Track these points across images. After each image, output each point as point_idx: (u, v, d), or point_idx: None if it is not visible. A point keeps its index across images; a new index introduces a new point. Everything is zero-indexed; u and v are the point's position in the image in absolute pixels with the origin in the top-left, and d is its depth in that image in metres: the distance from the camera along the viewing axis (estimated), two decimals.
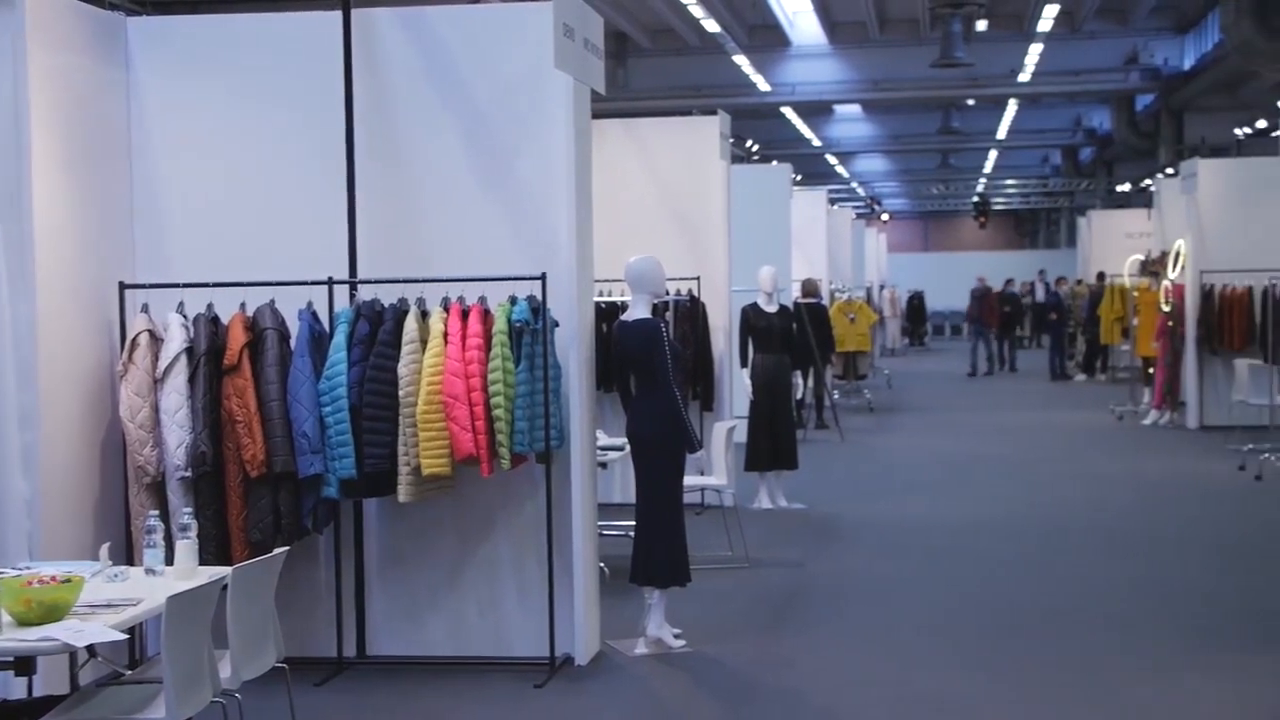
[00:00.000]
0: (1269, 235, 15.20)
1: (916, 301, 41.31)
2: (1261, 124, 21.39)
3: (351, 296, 7.68)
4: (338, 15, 7.83)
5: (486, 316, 7.50)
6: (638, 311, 8.10)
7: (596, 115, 8.44)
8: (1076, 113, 43.28)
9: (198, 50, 8.04)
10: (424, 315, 7.53)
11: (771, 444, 12.67)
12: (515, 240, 7.80)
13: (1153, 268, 20.44)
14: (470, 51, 7.86)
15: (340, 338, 7.41)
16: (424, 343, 7.44)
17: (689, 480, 8.67)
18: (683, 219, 12.62)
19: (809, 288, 18.06)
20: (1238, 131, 22.98)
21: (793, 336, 13.01)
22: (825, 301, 20.15)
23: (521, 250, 7.75)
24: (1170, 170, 24.96)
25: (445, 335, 7.42)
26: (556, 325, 7.67)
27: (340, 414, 7.32)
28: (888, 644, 8.30)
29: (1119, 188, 38.01)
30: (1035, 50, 29.18)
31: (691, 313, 12.12)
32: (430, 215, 7.91)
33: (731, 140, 13.95)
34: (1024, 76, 31.17)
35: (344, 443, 7.32)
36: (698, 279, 12.31)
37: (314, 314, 7.54)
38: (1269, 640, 8.18)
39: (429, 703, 7.32)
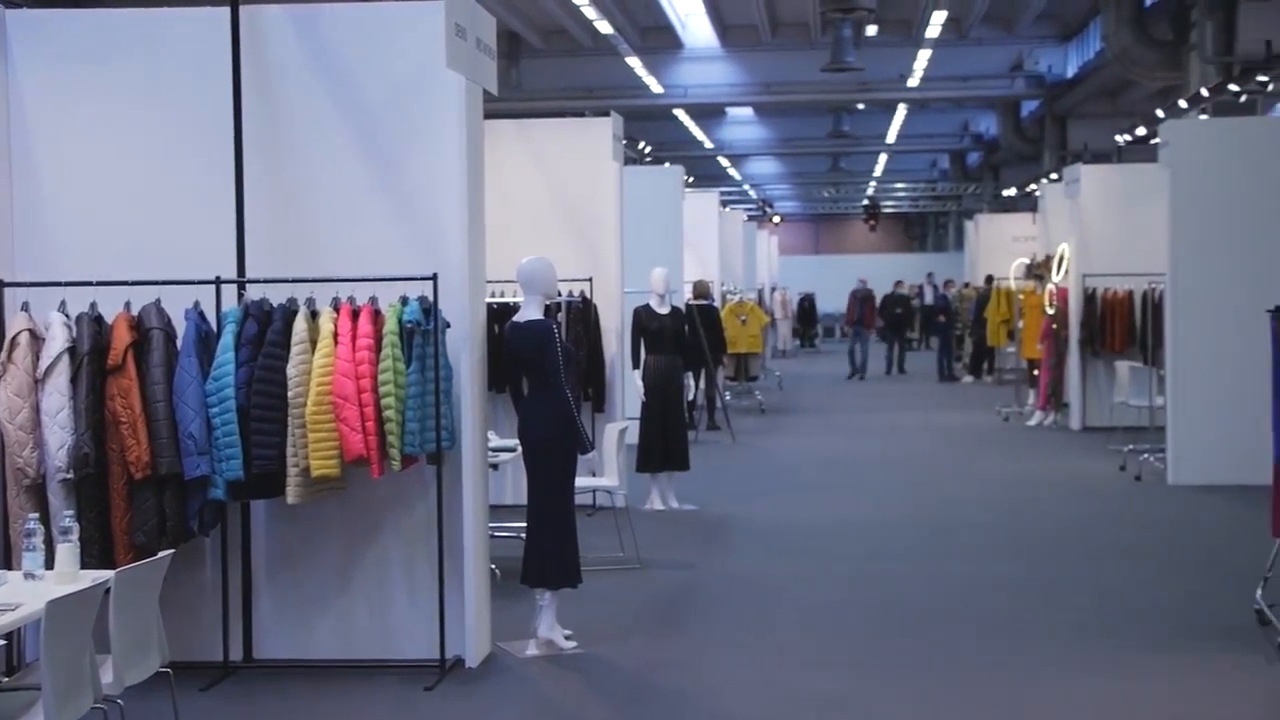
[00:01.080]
0: (1149, 240, 15.48)
1: (807, 303, 41.66)
2: (1141, 131, 21.80)
3: (239, 296, 7.59)
4: (225, 11, 7.73)
5: (377, 317, 7.44)
6: (530, 312, 8.09)
7: (489, 115, 8.41)
8: (964, 118, 43.93)
9: (81, 44, 7.89)
10: (314, 315, 7.46)
11: (663, 445, 12.72)
12: (406, 240, 7.75)
13: (1038, 271, 20.77)
14: (361, 50, 7.80)
15: (228, 338, 7.32)
16: (313, 343, 7.37)
17: (580, 481, 8.66)
18: (575, 220, 12.63)
19: (701, 289, 18.14)
20: (1119, 138, 23.42)
21: (684, 338, 13.06)
22: (717, 303, 20.24)
23: (413, 250, 7.71)
24: (1054, 175, 25.40)
25: (335, 335, 7.36)
26: (448, 326, 7.64)
27: (227, 415, 7.22)
28: (778, 644, 8.36)
29: (1005, 192, 38.61)
30: (924, 56, 29.58)
31: (584, 314, 12.12)
32: (320, 214, 7.83)
33: (624, 142, 13.98)
34: (913, 81, 31.60)
35: (231, 444, 7.22)
36: (590, 280, 12.31)
37: (201, 314, 7.43)
38: (1150, 637, 8.35)
39: (317, 706, 7.25)
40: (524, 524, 8.21)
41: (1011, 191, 36.43)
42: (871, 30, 29.13)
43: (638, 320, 12.81)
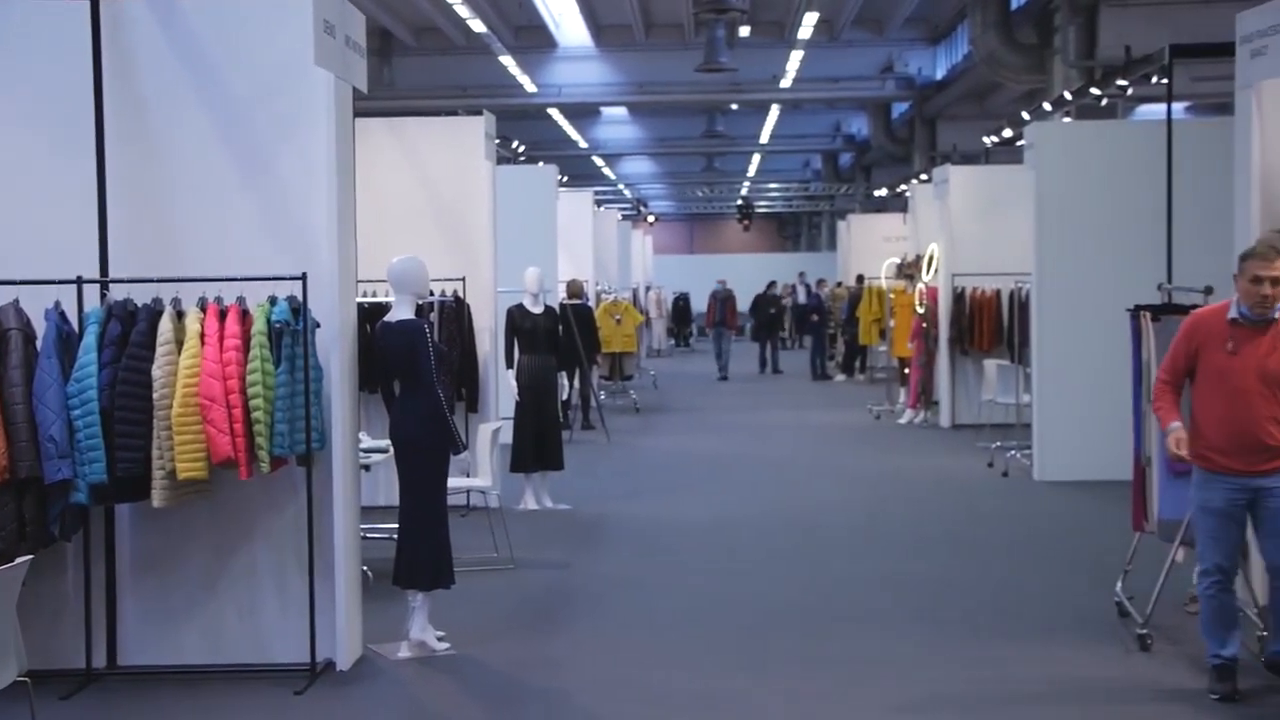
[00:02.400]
0: (1015, 240, 15.76)
1: (682, 303, 41.81)
2: (1008, 133, 22.17)
3: (102, 296, 7.43)
4: (86, 3, 7.57)
5: (245, 317, 7.34)
6: (401, 312, 8.04)
7: (360, 113, 8.34)
8: (836, 119, 44.41)
9: None
10: (179, 316, 7.34)
11: (537, 445, 12.70)
12: (275, 239, 7.65)
13: (908, 271, 21.05)
14: (227, 45, 7.69)
15: (90, 339, 7.17)
16: (179, 344, 7.25)
17: (453, 482, 8.63)
18: (448, 219, 12.55)
19: (574, 289, 18.13)
20: (986, 140, 23.79)
21: (558, 337, 13.05)
22: (591, 302, 20.25)
23: (281, 249, 7.61)
24: (924, 176, 25.73)
25: (202, 336, 7.25)
26: (318, 326, 7.56)
27: (90, 417, 7.07)
28: (651, 643, 8.38)
29: (877, 192, 39.09)
30: (796, 57, 29.85)
31: (457, 313, 12.05)
32: (186, 213, 7.71)
33: (497, 141, 13.94)
34: (785, 82, 31.86)
35: (94, 447, 7.08)
36: (463, 280, 12.25)
37: (62, 314, 7.28)
38: (1016, 630, 8.50)
39: (184, 713, 7.14)
40: (396, 525, 8.15)
41: (883, 192, 36.89)
42: (744, 31, 29.33)
43: (511, 320, 12.78)
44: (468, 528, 11.12)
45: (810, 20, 26.46)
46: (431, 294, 11.04)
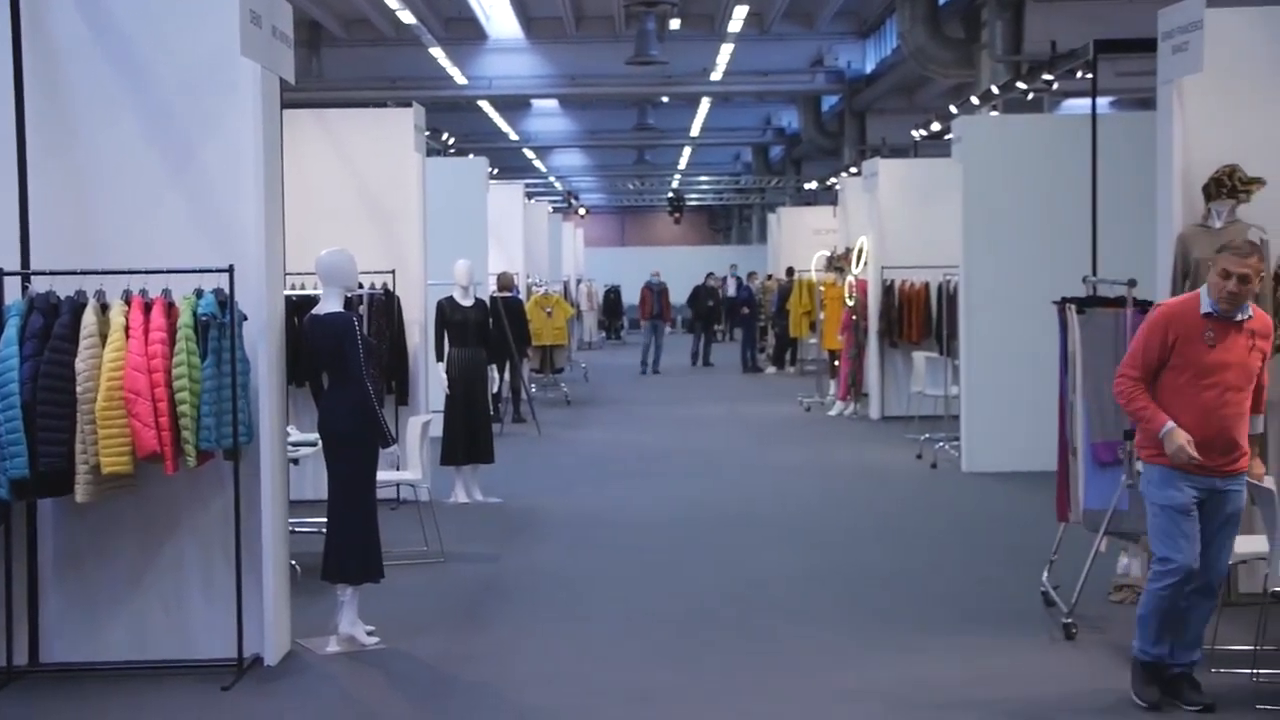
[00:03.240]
0: (943, 233, 15.85)
1: (613, 295, 41.82)
2: (936, 127, 22.33)
3: (24, 288, 7.33)
4: None
5: (171, 310, 7.27)
6: (329, 305, 7.99)
7: (288, 105, 8.27)
8: (766, 112, 44.57)
9: None
10: (104, 308, 7.25)
11: (467, 438, 12.66)
12: (201, 231, 7.58)
13: (838, 263, 21.14)
14: (152, 34, 7.60)
15: (11, 331, 7.07)
16: (103, 337, 7.16)
17: (383, 475, 8.59)
18: (377, 212, 12.48)
19: (505, 281, 18.09)
20: (915, 133, 23.96)
21: (489, 330, 13.01)
22: (522, 295, 20.21)
23: (208, 241, 7.55)
24: (854, 170, 25.87)
25: (126, 329, 7.16)
26: (245, 319, 7.49)
27: (11, 411, 6.97)
28: (582, 636, 8.38)
29: (807, 185, 39.25)
30: (726, 50, 29.92)
31: (386, 306, 11.98)
32: (110, 204, 7.61)
33: (427, 133, 13.87)
34: (716, 75, 31.93)
35: (16, 441, 6.97)
36: (393, 272, 12.18)
37: None
38: (945, 621, 8.57)
39: (109, 711, 7.06)
40: (325, 519, 8.10)
41: (813, 185, 37.05)
42: (675, 24, 29.37)
43: (441, 312, 12.73)
44: (397, 521, 11.07)
45: (740, 13, 26.53)
46: (361, 287, 10.99)
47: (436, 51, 29.53)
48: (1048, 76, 17.41)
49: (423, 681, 7.50)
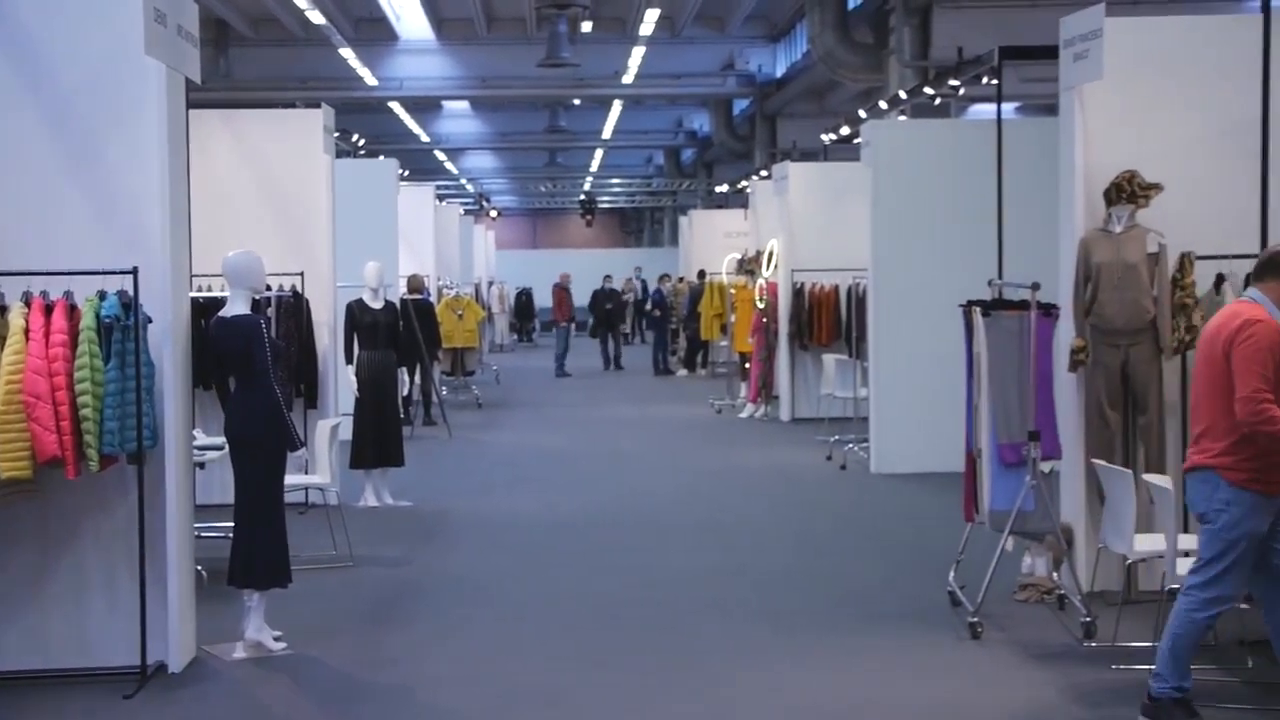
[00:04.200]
0: (853, 236, 15.99)
1: (525, 298, 41.71)
2: (845, 131, 22.52)
3: None
4: None
5: (73, 312, 7.17)
6: (236, 307, 7.92)
7: (195, 105, 8.19)
8: (678, 115, 44.67)
9: None
10: (2, 310, 7.14)
11: (377, 441, 12.60)
12: (105, 232, 7.49)
13: (749, 266, 21.24)
14: (53, 32, 7.49)
15: None
16: (2, 339, 7.05)
17: (291, 479, 8.52)
18: (285, 213, 12.37)
19: (415, 284, 18.01)
20: (825, 137, 24.13)
21: (399, 333, 12.96)
22: (433, 298, 20.13)
23: (112, 243, 7.45)
24: (765, 173, 26.01)
25: (26, 332, 7.05)
26: (149, 321, 7.41)
27: None
28: (493, 639, 8.36)
29: (718, 188, 39.42)
30: (638, 53, 29.97)
31: (295, 308, 11.88)
32: (10, 204, 7.50)
33: (336, 134, 13.77)
34: (627, 78, 31.97)
35: None
36: (301, 274, 12.08)
37: None
38: (853, 621, 8.64)
39: None
40: (232, 523, 8.02)
41: (724, 188, 37.22)
42: (587, 27, 29.40)
43: (351, 315, 12.66)
44: (306, 525, 10.99)
45: (652, 16, 26.60)
46: (269, 289, 10.90)
47: (346, 52, 29.34)
48: (954, 82, 17.61)
49: (331, 687, 7.45)
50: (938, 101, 19.54)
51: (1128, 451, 8.68)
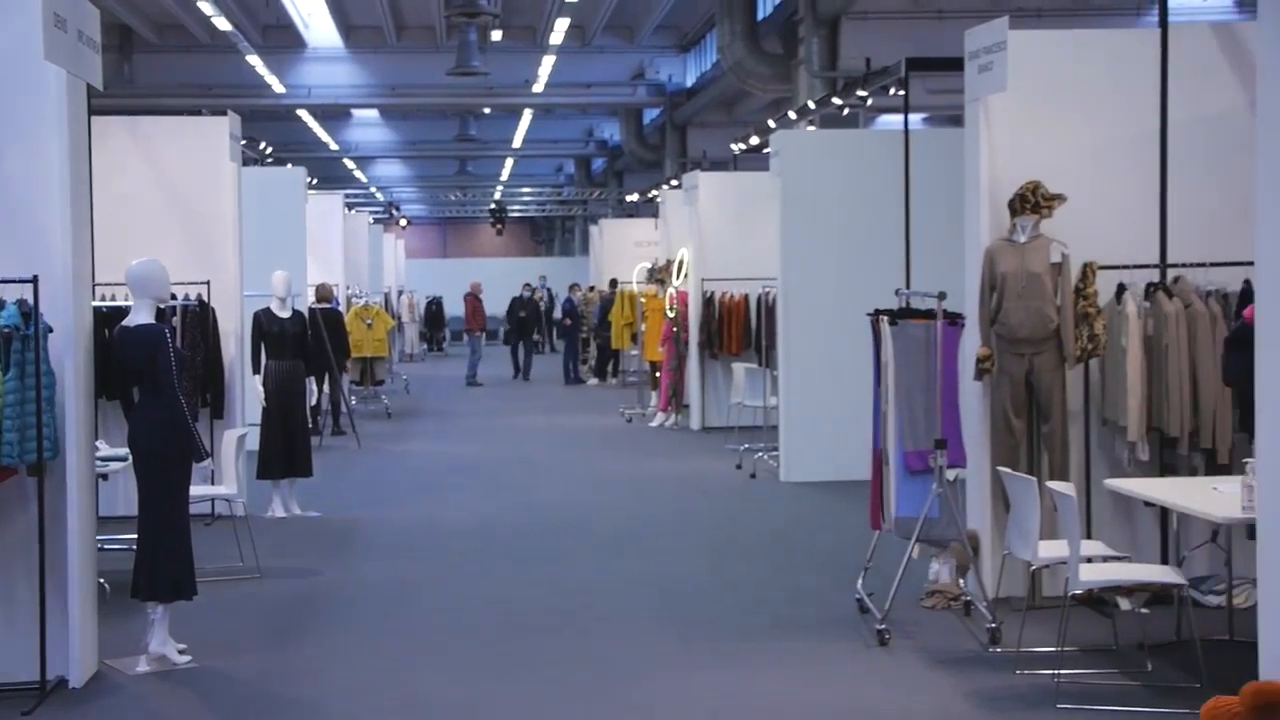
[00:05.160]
0: (762, 245, 16.07)
1: (435, 307, 41.52)
2: (755, 140, 22.66)
3: None
4: None
5: None
6: (140, 316, 7.81)
7: (99, 111, 8.09)
8: (588, 124, 44.72)
9: None
10: None
11: (285, 451, 12.48)
12: (4, 240, 7.36)
13: (659, 275, 21.30)
14: None
15: None
16: None
17: (196, 490, 8.42)
18: (191, 222, 12.23)
19: (324, 293, 17.87)
20: (734, 147, 24.26)
21: (307, 342, 12.85)
22: (341, 307, 19.98)
23: (11, 251, 7.32)
24: (675, 182, 26.09)
25: None
26: (50, 331, 7.28)
27: None
28: (405, 649, 8.30)
29: (629, 197, 39.47)
30: (548, 62, 29.96)
31: (201, 318, 11.76)
32: None
33: (243, 142, 13.64)
34: (538, 87, 31.95)
35: None
36: (207, 283, 11.96)
37: None
38: (763, 629, 8.68)
39: None
40: (135, 535, 7.90)
41: (634, 197, 37.28)
42: (496, 35, 29.33)
43: (258, 324, 12.54)
44: (212, 537, 10.85)
45: (562, 25, 26.60)
46: (174, 298, 10.77)
47: (254, 59, 29.06)
48: (862, 93, 17.78)
49: (237, 700, 7.36)
50: (846, 112, 19.71)
51: (1032, 459, 8.79)
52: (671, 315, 19.36)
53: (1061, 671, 7.25)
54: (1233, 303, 8.58)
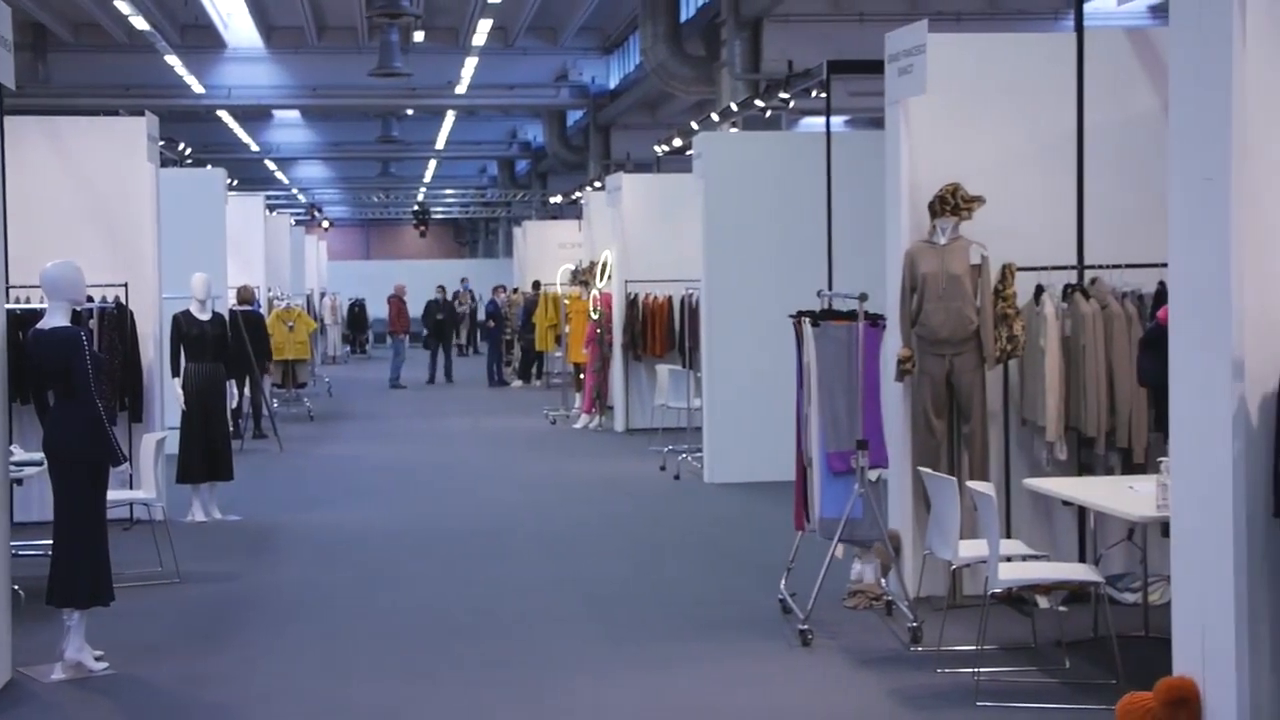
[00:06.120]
0: (686, 247, 16.11)
1: (358, 309, 41.23)
2: (678, 142, 22.69)
3: None
4: None
5: None
6: (55, 319, 7.71)
7: (11, 111, 7.96)
8: (512, 126, 44.63)
9: None
10: None
11: (205, 455, 12.37)
12: None
13: (583, 277, 21.28)
14: None
15: None
16: None
17: (114, 494, 8.31)
18: (108, 223, 12.07)
19: (244, 295, 17.71)
20: (657, 148, 24.28)
21: (227, 344, 12.73)
22: (263, 309, 19.81)
23: None
24: (598, 184, 26.08)
25: None
26: None
27: None
28: (325, 653, 8.25)
29: (552, 199, 39.44)
30: (471, 63, 29.87)
31: (118, 320, 11.62)
32: None
33: (162, 143, 13.49)
34: (461, 89, 31.83)
35: None
36: (125, 285, 11.81)
37: None
38: (687, 630, 8.69)
39: None
40: (51, 541, 7.79)
41: (558, 199, 37.25)
42: (419, 36, 29.19)
43: (177, 327, 12.42)
44: (130, 542, 10.72)
45: (485, 27, 26.53)
46: (91, 300, 10.64)
47: (172, 59, 28.73)
48: (784, 95, 17.83)
49: (155, 707, 7.28)
50: (768, 114, 19.77)
51: (952, 459, 8.87)
52: (595, 317, 19.36)
53: (981, 669, 7.31)
54: (1148, 304, 8.71)
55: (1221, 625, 5.60)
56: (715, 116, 20.85)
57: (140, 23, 25.45)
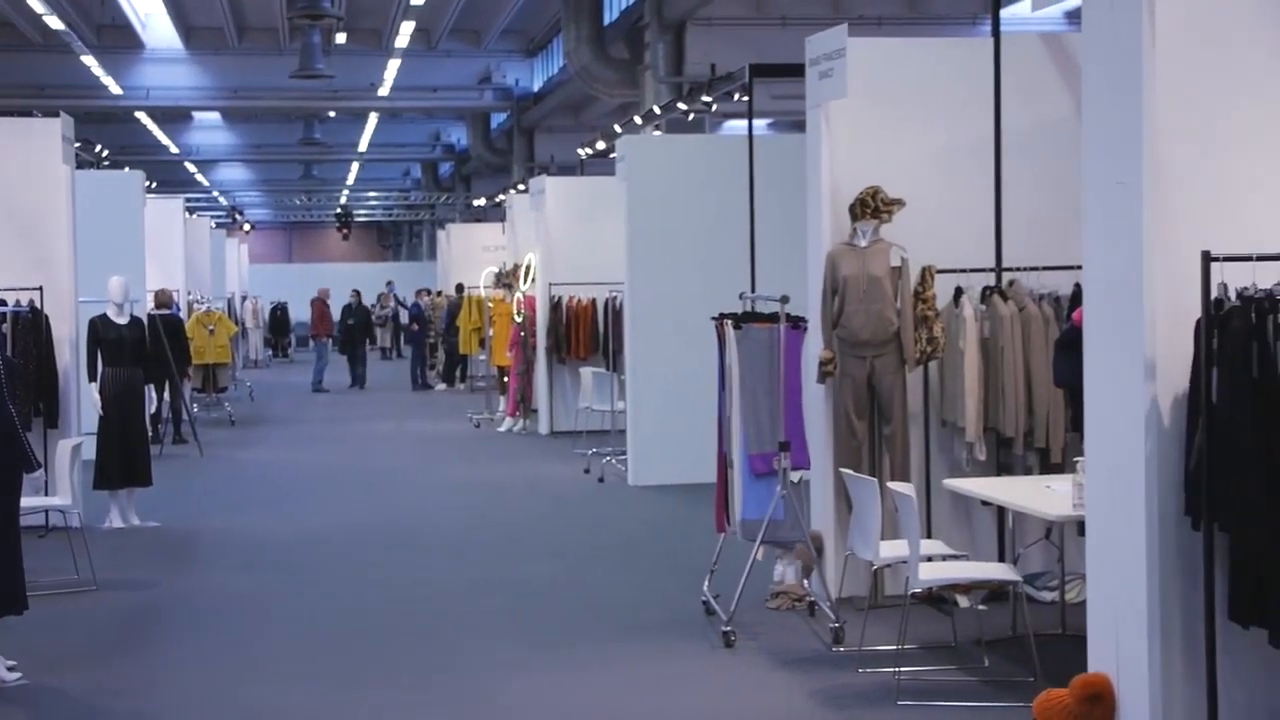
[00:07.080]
0: (609, 250, 16.11)
1: (280, 313, 40.92)
2: (601, 145, 22.71)
3: None
4: None
5: None
6: None
7: None
8: (435, 128, 44.51)
9: None
10: None
11: (123, 460, 12.20)
12: None
13: (507, 280, 21.23)
14: None
15: None
16: None
17: (29, 501, 8.19)
18: (22, 226, 11.92)
19: (163, 298, 17.53)
20: (581, 151, 24.29)
21: (146, 348, 12.59)
22: (182, 313, 19.61)
23: None
24: (522, 187, 26.05)
25: None
26: None
27: None
28: (245, 660, 8.17)
29: (476, 202, 39.33)
30: (394, 65, 29.76)
31: (33, 325, 11.47)
32: None
33: (77, 144, 13.33)
34: (383, 91, 31.72)
35: None
36: (40, 289, 11.66)
37: None
38: (610, 632, 8.68)
39: None
40: None
41: (482, 202, 37.15)
42: (341, 38, 29.04)
43: (94, 331, 12.24)
44: (46, 549, 10.56)
45: (407, 29, 26.44)
46: (4, 304, 10.48)
47: (88, 59, 28.40)
48: (707, 98, 17.89)
49: (71, 717, 7.18)
50: (691, 117, 19.82)
51: (873, 460, 8.93)
52: (519, 320, 19.32)
53: (902, 669, 7.36)
54: (1064, 305, 8.80)
55: (1134, 622, 5.68)
56: (638, 119, 20.88)
57: (55, 22, 25.13)
